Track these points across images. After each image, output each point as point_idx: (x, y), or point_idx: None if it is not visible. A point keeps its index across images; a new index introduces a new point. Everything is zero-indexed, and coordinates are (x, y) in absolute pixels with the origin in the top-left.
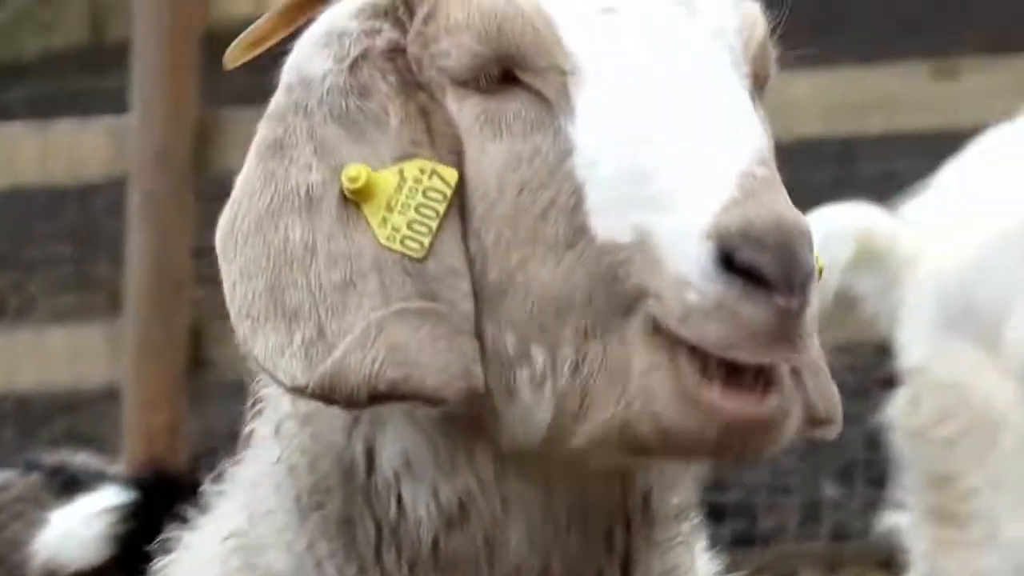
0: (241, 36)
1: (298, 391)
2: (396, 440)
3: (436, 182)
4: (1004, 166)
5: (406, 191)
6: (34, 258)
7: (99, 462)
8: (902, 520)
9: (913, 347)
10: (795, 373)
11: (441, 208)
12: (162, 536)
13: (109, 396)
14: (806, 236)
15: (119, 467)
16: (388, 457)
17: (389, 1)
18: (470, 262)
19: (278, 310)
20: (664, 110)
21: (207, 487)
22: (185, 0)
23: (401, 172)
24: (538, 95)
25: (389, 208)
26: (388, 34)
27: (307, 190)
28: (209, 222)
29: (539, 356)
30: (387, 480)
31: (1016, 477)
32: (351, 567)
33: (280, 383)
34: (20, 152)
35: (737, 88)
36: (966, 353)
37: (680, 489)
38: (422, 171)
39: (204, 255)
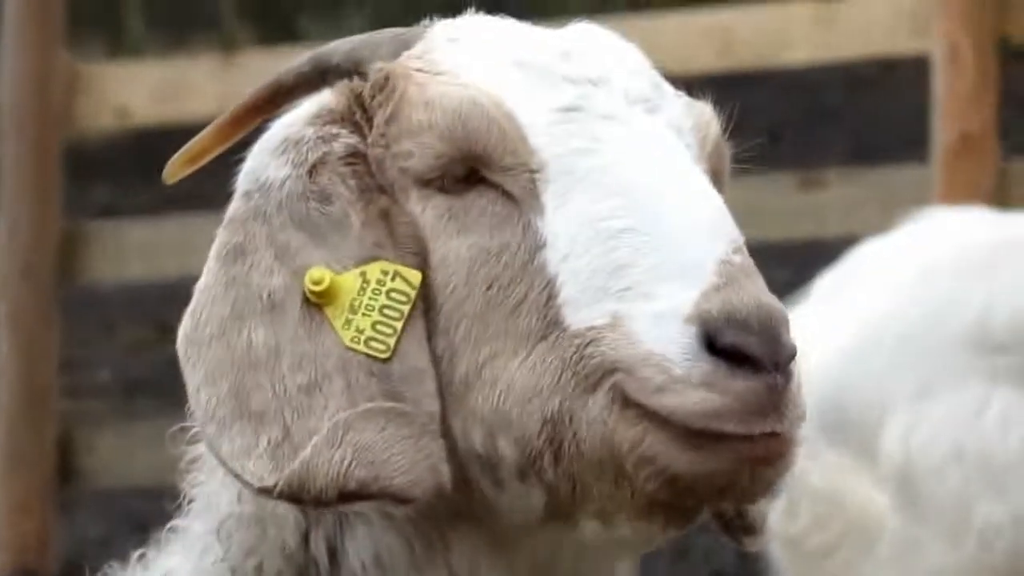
0: (181, 151)
1: (265, 492)
2: (366, 539)
3: (399, 283)
4: (877, 277)
5: (369, 293)
6: None
7: None
8: None
9: None
10: None
11: (405, 309)
12: None
13: None
14: (786, 319)
15: None
16: (356, 554)
17: (345, 107)
18: (437, 360)
19: (243, 412)
20: (635, 203)
21: None
22: (49, 114)
23: (364, 274)
24: (505, 193)
25: (353, 310)
26: (346, 139)
27: (269, 294)
28: (75, 333)
29: (507, 451)
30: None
31: None
32: None
33: (247, 484)
34: None
35: (703, 180)
36: (842, 461)
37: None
38: (384, 273)
39: (69, 367)
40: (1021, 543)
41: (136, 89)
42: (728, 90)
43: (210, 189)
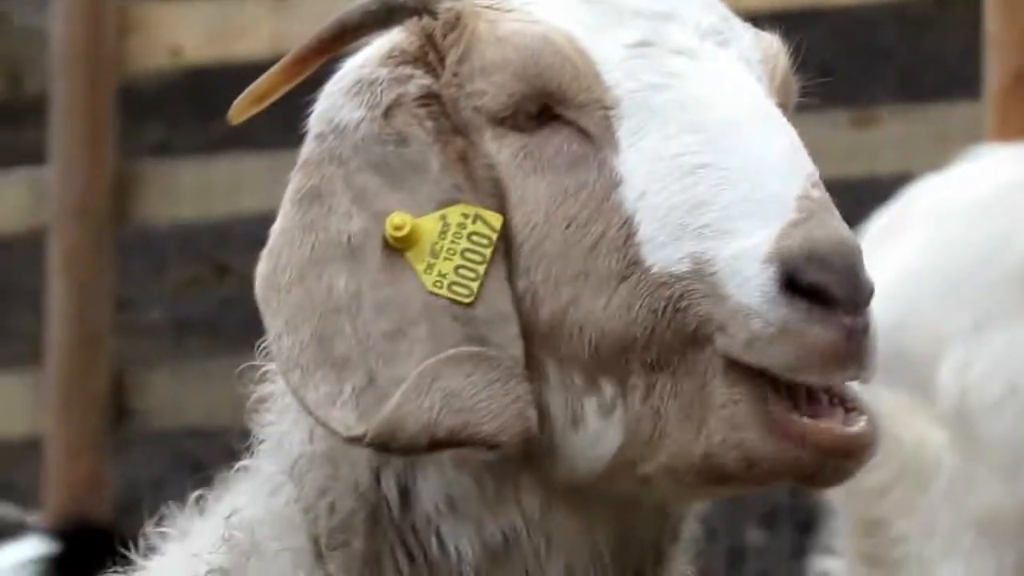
0: (247, 91)
1: (355, 441)
2: (439, 479)
3: (480, 226)
4: (930, 216)
5: (451, 236)
6: None
7: (19, 512)
8: (832, 565)
9: None
10: None
11: (487, 253)
12: None
13: (31, 446)
14: (863, 256)
15: (39, 518)
16: (429, 495)
17: (417, 47)
18: (519, 300)
19: (327, 359)
20: (712, 138)
21: (150, 530)
22: (102, 54)
23: (444, 218)
24: (580, 130)
25: (434, 254)
26: (420, 80)
27: (348, 238)
28: (128, 274)
29: (608, 387)
30: (427, 517)
31: (946, 523)
32: None
33: (334, 432)
34: None
35: (778, 114)
36: (898, 400)
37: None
38: (465, 216)
39: (122, 307)
40: None
41: (189, 29)
42: (782, 29)
43: (262, 130)
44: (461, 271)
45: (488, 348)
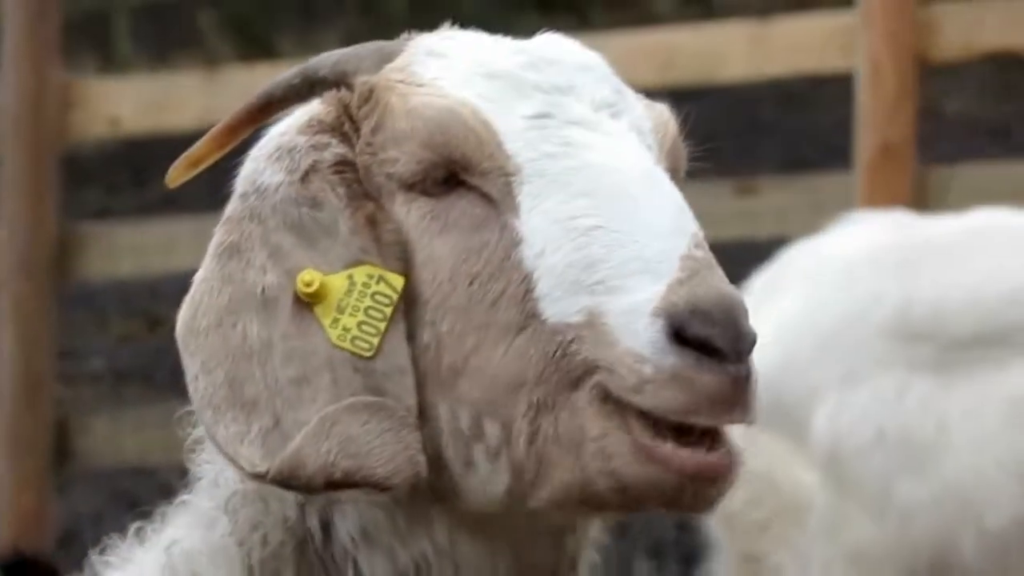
0: (182, 156)
1: (258, 477)
2: (354, 514)
3: (383, 287)
4: (806, 275)
5: (356, 295)
6: None
7: None
8: None
9: None
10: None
11: (388, 311)
12: None
13: None
14: (745, 308)
15: None
16: (346, 529)
17: (334, 117)
18: (424, 350)
19: (237, 401)
20: (604, 202)
21: (93, 559)
22: (45, 126)
23: (351, 277)
24: (483, 194)
25: (340, 310)
26: (335, 148)
27: (263, 290)
28: (70, 326)
29: (492, 431)
30: (344, 549)
31: (820, 556)
32: None
33: (240, 469)
34: None
35: (665, 179)
36: (776, 444)
37: (591, 550)
38: (370, 277)
39: (64, 357)
40: (939, 520)
41: (125, 102)
42: (672, 102)
43: (191, 195)
44: (364, 327)
45: (385, 399)
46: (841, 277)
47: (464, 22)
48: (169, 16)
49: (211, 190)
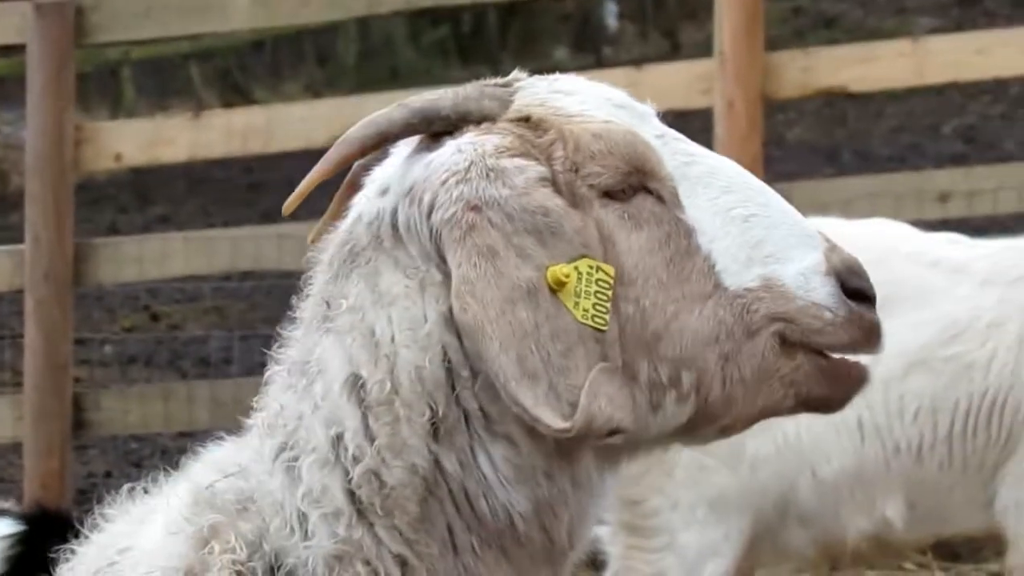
0: (296, 191)
1: (563, 433)
2: (506, 452)
3: (602, 275)
4: None
5: (584, 282)
6: None
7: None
8: (600, 532)
9: None
10: None
11: (610, 294)
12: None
13: (13, 450)
14: None
15: (11, 504)
16: (491, 466)
17: (518, 145)
18: (628, 320)
19: (525, 373)
20: (746, 196)
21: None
22: (64, 159)
23: (577, 268)
24: (658, 197)
25: (577, 295)
26: (536, 167)
27: (524, 283)
28: (85, 321)
29: (687, 380)
30: (482, 484)
31: (686, 499)
32: (431, 545)
33: (547, 427)
34: None
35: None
36: None
37: None
38: (591, 267)
39: (81, 345)
40: (780, 469)
41: (127, 140)
42: None
43: (183, 215)
44: (597, 307)
45: (612, 363)
46: None
47: (402, 70)
48: (166, 69)
49: (202, 212)
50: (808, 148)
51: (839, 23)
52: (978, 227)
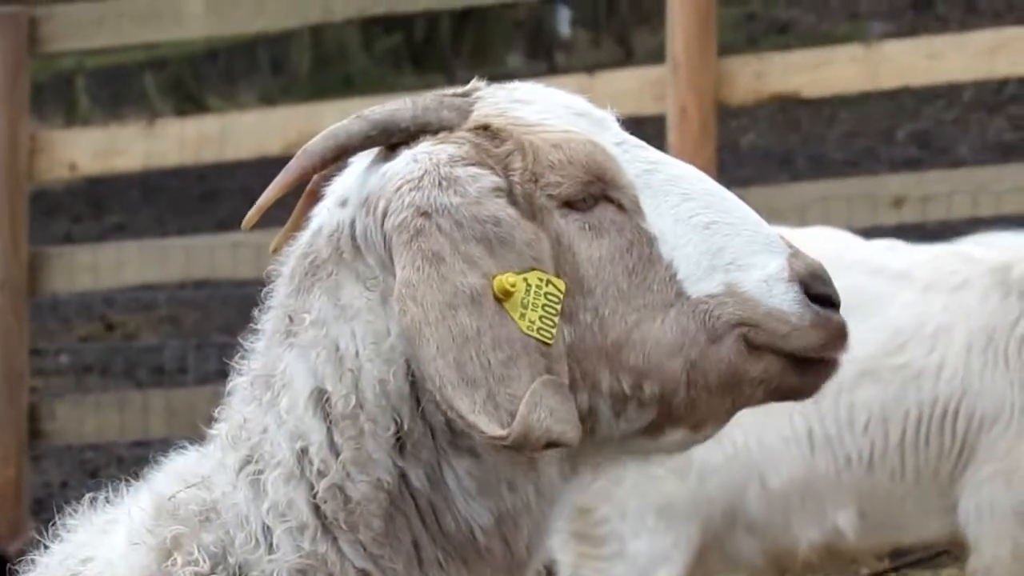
0: (256, 205)
1: (498, 440)
2: (468, 466)
3: (552, 288)
4: None
5: (532, 294)
6: None
7: None
8: (553, 540)
9: None
10: None
11: (558, 307)
12: None
13: None
14: None
15: None
16: (456, 480)
17: (473, 154)
18: (586, 330)
19: (463, 379)
20: (706, 203)
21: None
22: (18, 168)
23: (526, 280)
24: (619, 205)
25: (524, 306)
26: (490, 177)
27: (469, 290)
28: (41, 330)
29: (650, 389)
30: (448, 498)
31: (635, 507)
32: (396, 560)
33: (481, 434)
34: None
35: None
36: None
37: None
38: (540, 280)
39: (36, 354)
40: (729, 479)
41: (81, 149)
42: None
43: (137, 224)
44: (544, 320)
45: (557, 377)
46: None
47: (356, 78)
48: (120, 79)
49: (155, 221)
50: (762, 154)
51: (792, 29)
52: (932, 232)
